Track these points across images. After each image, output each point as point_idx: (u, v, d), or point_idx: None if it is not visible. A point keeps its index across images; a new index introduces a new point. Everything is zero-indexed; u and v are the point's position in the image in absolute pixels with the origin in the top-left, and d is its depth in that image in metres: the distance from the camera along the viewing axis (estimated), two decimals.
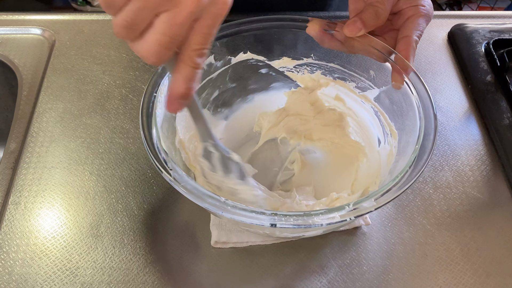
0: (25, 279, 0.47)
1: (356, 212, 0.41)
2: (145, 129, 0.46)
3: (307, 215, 0.41)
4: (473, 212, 0.53)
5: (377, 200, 0.41)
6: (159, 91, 0.49)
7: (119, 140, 0.58)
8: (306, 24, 0.53)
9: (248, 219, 0.41)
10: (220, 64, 0.55)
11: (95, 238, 0.50)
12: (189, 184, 0.42)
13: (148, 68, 0.43)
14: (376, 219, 0.52)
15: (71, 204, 0.53)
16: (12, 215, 0.52)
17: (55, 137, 0.59)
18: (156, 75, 0.49)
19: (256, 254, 0.50)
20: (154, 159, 0.44)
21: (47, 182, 0.54)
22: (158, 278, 0.48)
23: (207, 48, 0.34)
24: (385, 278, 0.48)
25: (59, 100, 0.62)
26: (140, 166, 0.56)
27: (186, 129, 0.53)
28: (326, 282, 0.48)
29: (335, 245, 0.50)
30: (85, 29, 0.70)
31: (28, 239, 0.50)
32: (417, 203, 0.54)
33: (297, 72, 0.57)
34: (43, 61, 0.66)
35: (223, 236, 0.50)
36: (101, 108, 0.62)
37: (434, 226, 0.52)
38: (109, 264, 0.49)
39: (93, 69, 0.66)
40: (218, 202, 0.41)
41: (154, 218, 0.52)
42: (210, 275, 0.48)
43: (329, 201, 0.48)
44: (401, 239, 0.51)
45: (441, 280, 0.48)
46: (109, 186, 0.54)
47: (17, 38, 0.69)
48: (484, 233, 0.52)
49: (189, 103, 0.39)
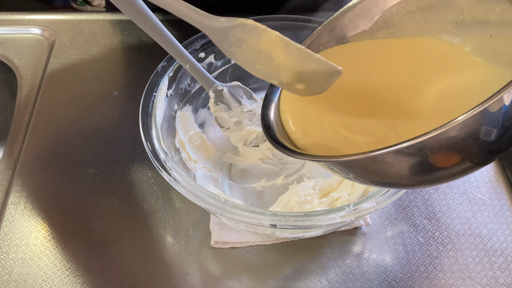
0: (25, 279, 0.47)
1: (356, 213, 0.41)
2: (145, 129, 0.46)
3: (307, 215, 0.41)
4: (473, 212, 0.53)
5: (377, 201, 0.42)
6: (159, 91, 0.49)
7: (119, 139, 0.58)
8: (306, 24, 0.53)
9: (248, 219, 0.41)
10: (220, 63, 0.55)
11: (95, 238, 0.50)
12: (189, 184, 0.42)
13: (148, 68, 0.43)
14: (376, 219, 0.52)
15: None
16: (12, 215, 0.52)
17: (55, 137, 0.59)
18: (156, 74, 0.50)
19: (256, 254, 0.49)
20: (154, 159, 0.44)
21: (47, 182, 0.54)
22: (158, 278, 0.48)
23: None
24: (385, 278, 0.48)
25: (58, 100, 0.62)
26: (140, 166, 0.56)
27: (186, 129, 0.53)
28: (326, 283, 0.48)
29: (335, 245, 0.50)
30: (85, 29, 0.70)
31: (28, 239, 0.50)
32: (417, 203, 0.54)
33: None
34: (43, 61, 0.66)
35: (223, 236, 0.50)
36: (101, 108, 0.62)
37: (434, 226, 0.52)
38: (109, 264, 0.49)
39: (92, 69, 0.66)
40: (218, 202, 0.41)
41: (154, 218, 0.52)
42: (210, 275, 0.48)
43: (329, 201, 0.48)
44: (401, 239, 0.51)
45: (442, 281, 0.48)
46: (108, 186, 0.54)
47: (17, 38, 0.69)
48: (485, 233, 0.52)
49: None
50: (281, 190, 0.53)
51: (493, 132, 0.30)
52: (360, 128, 0.37)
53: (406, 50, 0.42)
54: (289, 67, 0.36)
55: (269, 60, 0.36)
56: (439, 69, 0.39)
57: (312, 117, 0.40)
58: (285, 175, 0.54)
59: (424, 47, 0.41)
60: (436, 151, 0.30)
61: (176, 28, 0.66)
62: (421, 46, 0.41)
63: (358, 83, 0.41)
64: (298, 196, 0.48)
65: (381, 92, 0.39)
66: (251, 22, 0.35)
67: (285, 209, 0.48)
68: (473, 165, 0.32)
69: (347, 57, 0.43)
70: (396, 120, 0.36)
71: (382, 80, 0.40)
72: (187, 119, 0.53)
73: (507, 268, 0.49)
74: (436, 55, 0.40)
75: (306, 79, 0.36)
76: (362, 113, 0.39)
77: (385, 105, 0.38)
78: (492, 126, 0.29)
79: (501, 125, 0.29)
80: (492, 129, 0.30)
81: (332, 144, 0.38)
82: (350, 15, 0.44)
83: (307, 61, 0.36)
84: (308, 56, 0.36)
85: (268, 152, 0.56)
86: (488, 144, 0.31)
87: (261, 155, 0.56)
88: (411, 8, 0.42)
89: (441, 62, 0.40)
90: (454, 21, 0.40)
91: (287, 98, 0.42)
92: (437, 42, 0.41)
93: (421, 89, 0.37)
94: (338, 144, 0.37)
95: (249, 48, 0.36)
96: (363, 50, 0.43)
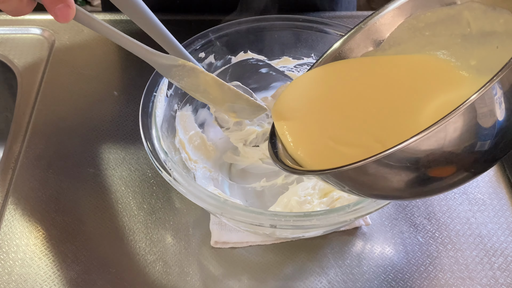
0: (25, 279, 0.47)
1: (356, 213, 0.41)
2: (145, 129, 0.46)
3: (307, 215, 0.41)
4: (473, 212, 0.53)
5: (377, 201, 0.41)
6: (159, 91, 0.49)
7: (119, 139, 0.58)
8: (306, 24, 0.53)
9: (248, 219, 0.41)
10: (220, 63, 0.55)
11: (94, 238, 0.50)
12: (189, 184, 0.42)
13: (148, 68, 0.43)
14: (376, 219, 0.52)
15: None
16: (12, 215, 0.52)
17: (55, 137, 0.59)
18: (156, 74, 0.50)
19: (256, 254, 0.49)
20: (154, 159, 0.44)
21: (47, 182, 0.54)
22: (158, 279, 0.48)
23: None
24: (385, 278, 0.48)
25: (58, 100, 0.62)
26: (140, 166, 0.56)
27: (186, 129, 0.53)
28: (326, 283, 0.48)
29: (335, 245, 0.50)
30: (85, 29, 0.70)
31: (28, 239, 0.50)
32: (417, 203, 0.54)
33: (297, 72, 0.57)
34: (43, 61, 0.66)
35: (223, 236, 0.50)
36: (101, 108, 0.61)
37: (434, 226, 0.52)
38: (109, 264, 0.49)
39: (92, 69, 0.66)
40: (218, 202, 0.41)
41: (154, 218, 0.52)
42: (210, 275, 0.48)
43: (329, 201, 0.48)
44: (401, 239, 0.51)
45: (442, 281, 0.48)
46: (108, 186, 0.54)
47: (17, 38, 0.69)
48: (485, 233, 0.52)
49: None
50: (281, 190, 0.53)
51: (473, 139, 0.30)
52: (348, 140, 0.39)
53: (405, 67, 0.43)
54: (222, 101, 0.44)
55: (206, 93, 0.43)
56: (434, 87, 0.39)
57: (303, 131, 0.42)
58: (285, 175, 0.54)
59: (423, 65, 0.42)
60: (420, 158, 0.30)
61: (176, 28, 0.65)
62: (420, 64, 0.42)
63: (351, 98, 0.42)
64: (298, 196, 0.48)
65: (372, 108, 0.40)
66: (190, 64, 0.41)
67: (285, 209, 0.48)
68: (460, 174, 0.32)
69: (344, 72, 0.45)
70: (385, 133, 0.37)
71: (376, 96, 0.41)
72: (187, 119, 0.53)
73: (507, 268, 0.49)
74: (434, 73, 0.41)
75: (237, 110, 0.46)
76: (351, 126, 0.40)
77: (375, 119, 0.39)
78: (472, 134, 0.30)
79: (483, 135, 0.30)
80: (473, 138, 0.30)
81: (322, 157, 0.39)
82: (361, 35, 0.45)
83: (237, 99, 0.44)
84: (238, 95, 0.44)
85: (267, 152, 0.56)
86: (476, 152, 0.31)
87: (261, 155, 0.56)
88: (420, 24, 0.43)
89: (437, 80, 0.40)
90: (462, 34, 0.41)
91: (281, 115, 0.43)
92: (436, 60, 0.42)
93: (414, 106, 0.38)
94: (327, 156, 0.39)
95: (189, 82, 0.43)
96: (361, 65, 0.45)
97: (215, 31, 0.53)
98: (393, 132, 0.37)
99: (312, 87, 0.45)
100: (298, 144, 0.40)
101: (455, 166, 0.31)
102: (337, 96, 0.43)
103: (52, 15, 0.34)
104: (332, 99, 0.43)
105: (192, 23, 0.70)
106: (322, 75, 0.45)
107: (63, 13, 0.34)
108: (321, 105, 0.43)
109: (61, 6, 0.34)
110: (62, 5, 0.34)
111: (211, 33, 0.53)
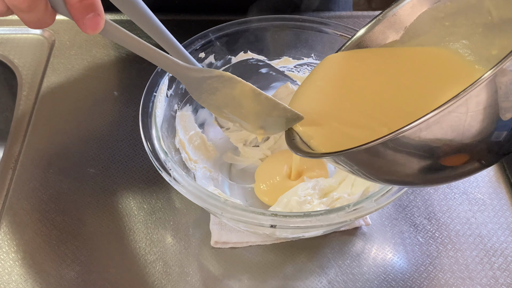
0: (25, 279, 0.47)
1: (356, 213, 0.41)
2: (145, 129, 0.46)
3: (307, 215, 0.41)
4: (473, 212, 0.53)
5: (377, 201, 0.42)
6: (159, 91, 0.49)
7: (119, 139, 0.58)
8: (306, 24, 0.53)
9: (248, 219, 0.41)
10: (220, 63, 0.55)
11: (94, 238, 0.50)
12: (189, 184, 0.42)
13: (148, 68, 0.43)
14: (376, 219, 0.52)
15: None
16: (12, 215, 0.52)
17: (55, 137, 0.59)
18: (156, 74, 0.50)
19: (256, 254, 0.49)
20: (154, 159, 0.44)
21: (47, 182, 0.54)
22: (158, 279, 0.48)
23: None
24: (385, 278, 0.48)
25: (58, 100, 0.62)
26: (140, 166, 0.56)
27: (186, 129, 0.53)
28: (326, 283, 0.48)
29: (335, 245, 0.50)
30: None
31: (28, 239, 0.50)
32: (417, 203, 0.54)
33: (297, 72, 0.57)
34: (43, 61, 0.66)
35: (223, 236, 0.50)
36: (101, 108, 0.62)
37: (434, 226, 0.52)
38: (109, 264, 0.49)
39: (92, 69, 0.66)
40: (218, 202, 0.41)
41: (154, 218, 0.52)
42: (210, 275, 0.48)
43: (329, 201, 0.48)
44: (401, 239, 0.51)
45: (442, 281, 0.48)
46: (108, 186, 0.54)
47: (17, 38, 0.69)
48: (485, 234, 0.52)
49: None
50: None
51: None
52: (359, 124, 0.39)
53: (420, 60, 0.43)
54: (255, 115, 0.41)
55: (238, 107, 0.40)
56: (448, 81, 0.39)
57: (315, 116, 0.42)
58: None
59: (439, 58, 0.42)
60: (431, 142, 0.30)
61: (176, 28, 0.66)
62: (436, 57, 0.42)
63: (363, 87, 0.42)
64: (298, 196, 0.48)
65: (384, 97, 0.41)
66: (227, 74, 0.38)
67: (285, 209, 0.48)
68: (468, 163, 0.32)
69: (360, 62, 0.45)
70: (395, 119, 0.37)
71: (388, 86, 0.41)
72: (187, 119, 0.53)
73: (507, 268, 0.49)
74: (449, 67, 0.41)
75: (268, 124, 0.42)
76: (363, 113, 0.40)
77: (386, 108, 0.39)
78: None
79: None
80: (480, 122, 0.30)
81: (334, 142, 0.39)
82: (380, 26, 0.45)
83: (274, 109, 0.41)
84: (275, 105, 0.40)
85: (268, 152, 0.56)
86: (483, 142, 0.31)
87: (261, 155, 0.56)
88: (440, 14, 0.42)
89: (451, 74, 0.40)
90: (483, 23, 0.40)
91: (297, 104, 0.44)
92: (453, 54, 0.41)
93: (427, 98, 0.38)
94: (340, 141, 0.39)
95: (221, 96, 0.39)
96: (378, 56, 0.45)
97: (215, 31, 0.53)
98: (402, 119, 0.37)
99: (326, 77, 0.45)
100: (311, 131, 0.41)
101: (466, 153, 0.31)
102: (351, 86, 0.43)
103: (81, 26, 0.31)
104: (346, 88, 0.42)
105: (192, 23, 0.70)
106: (337, 66, 0.45)
107: (93, 23, 0.31)
108: (335, 94, 0.43)
109: (91, 16, 0.30)
110: (92, 14, 0.30)
111: (211, 33, 0.53)
